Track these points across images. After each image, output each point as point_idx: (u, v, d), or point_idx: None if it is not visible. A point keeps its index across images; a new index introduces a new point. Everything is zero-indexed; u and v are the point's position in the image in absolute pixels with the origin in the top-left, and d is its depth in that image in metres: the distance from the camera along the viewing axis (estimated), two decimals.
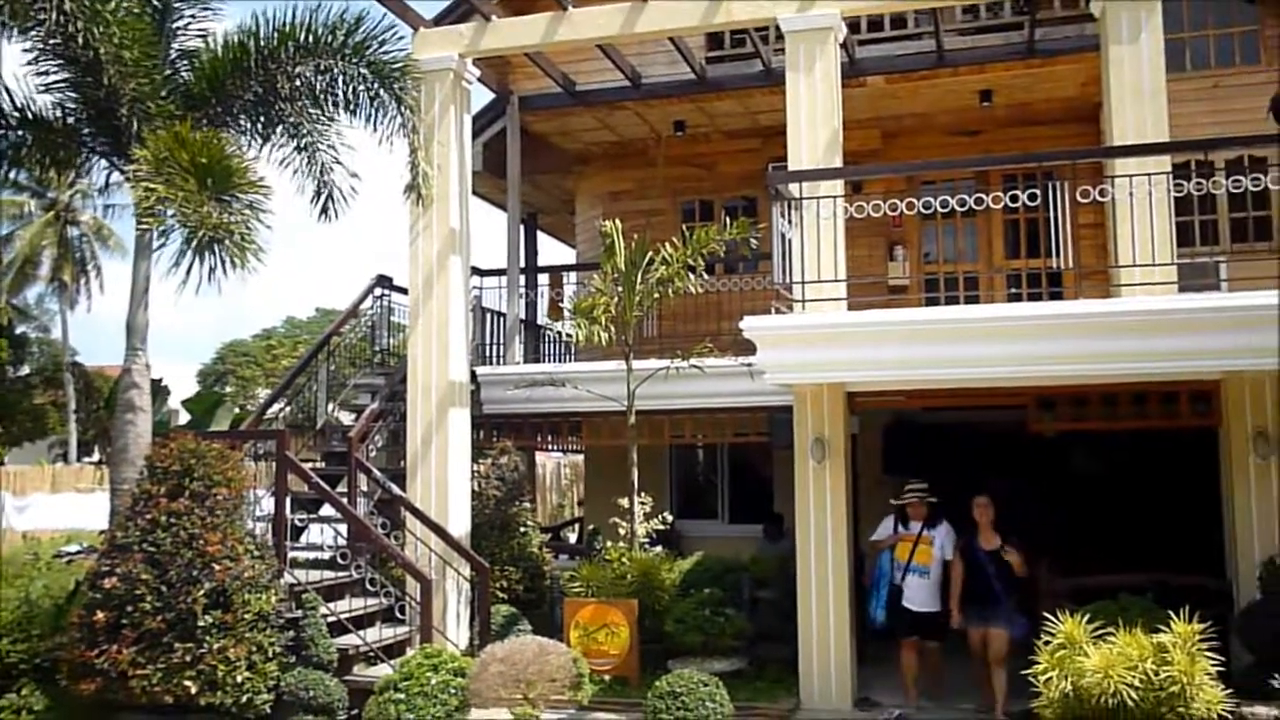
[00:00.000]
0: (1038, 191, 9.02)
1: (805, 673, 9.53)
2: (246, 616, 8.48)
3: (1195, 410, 9.41)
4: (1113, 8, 9.83)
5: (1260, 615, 8.41)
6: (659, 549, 10.95)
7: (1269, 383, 8.87)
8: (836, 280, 9.48)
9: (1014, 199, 9.12)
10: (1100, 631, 7.59)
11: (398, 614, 10.26)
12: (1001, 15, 12.54)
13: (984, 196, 9.25)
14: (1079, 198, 9.01)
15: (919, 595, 9.44)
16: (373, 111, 10.33)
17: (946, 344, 8.75)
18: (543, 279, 15.31)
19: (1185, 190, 8.91)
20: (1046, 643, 7.64)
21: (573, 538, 18.41)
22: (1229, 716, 7.45)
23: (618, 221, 11.01)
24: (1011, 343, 8.65)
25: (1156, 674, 7.07)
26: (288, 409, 13.01)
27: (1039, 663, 7.57)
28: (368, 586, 10.23)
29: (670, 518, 11.27)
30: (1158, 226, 8.78)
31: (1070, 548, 10.86)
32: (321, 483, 10.24)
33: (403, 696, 8.20)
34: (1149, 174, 8.81)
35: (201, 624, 8.24)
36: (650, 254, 10.75)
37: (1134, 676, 7.05)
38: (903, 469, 13.39)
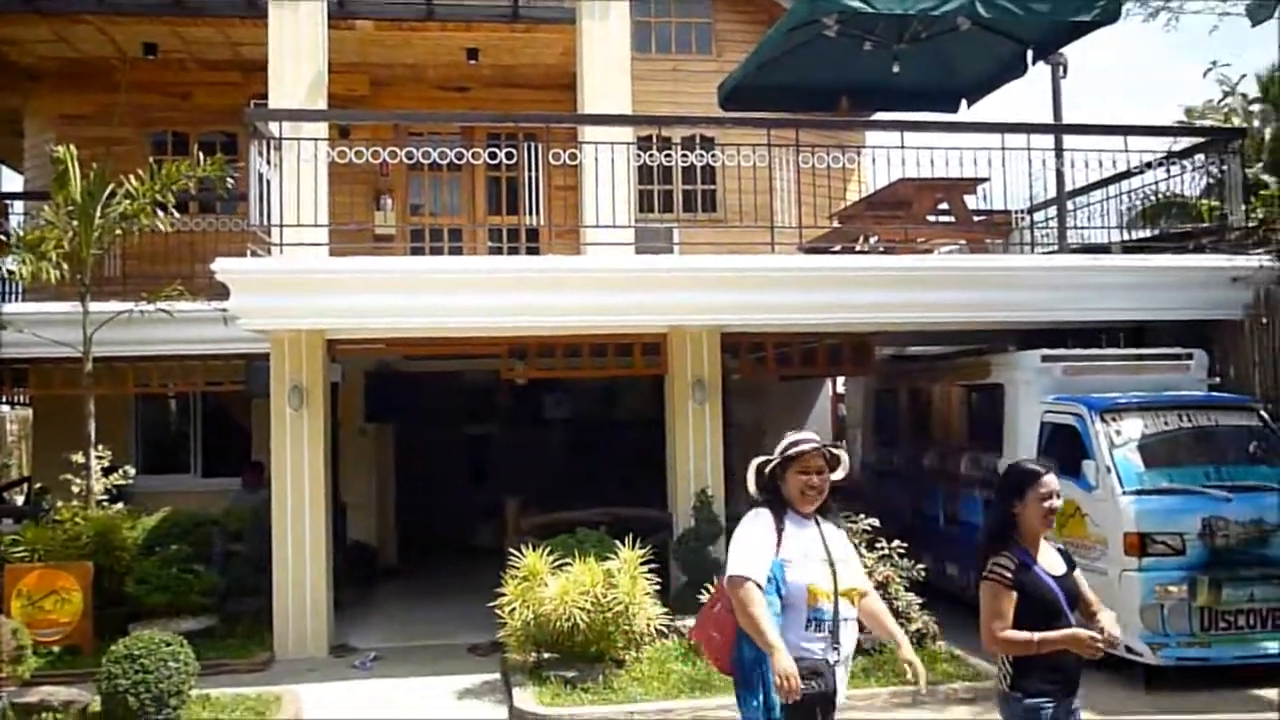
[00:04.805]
0: (515, 151, 9.48)
1: (280, 624, 9.36)
2: None
3: (647, 361, 10.39)
4: None
5: (692, 540, 9.59)
6: (120, 506, 10.15)
7: (706, 336, 10.04)
8: (318, 225, 9.30)
9: (493, 156, 9.53)
10: (560, 562, 8.25)
11: None
12: None
13: (465, 152, 9.57)
14: (552, 160, 9.58)
15: (844, 666, 4.21)
16: None
17: (428, 294, 8.99)
18: None
19: (643, 160, 9.84)
20: (512, 577, 8.16)
21: (22, 499, 16.48)
22: (664, 629, 8.46)
23: (73, 148, 9.92)
24: (490, 294, 9.09)
25: (605, 597, 7.83)
26: None
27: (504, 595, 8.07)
28: None
29: (133, 472, 10.48)
30: (620, 192, 9.59)
31: (539, 487, 11.63)
32: None
33: None
34: (614, 143, 9.59)
35: None
36: (113, 186, 9.84)
37: (586, 600, 7.76)
38: (385, 417, 13.58)
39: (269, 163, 9.00)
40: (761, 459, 4.31)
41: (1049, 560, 4.29)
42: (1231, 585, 7.81)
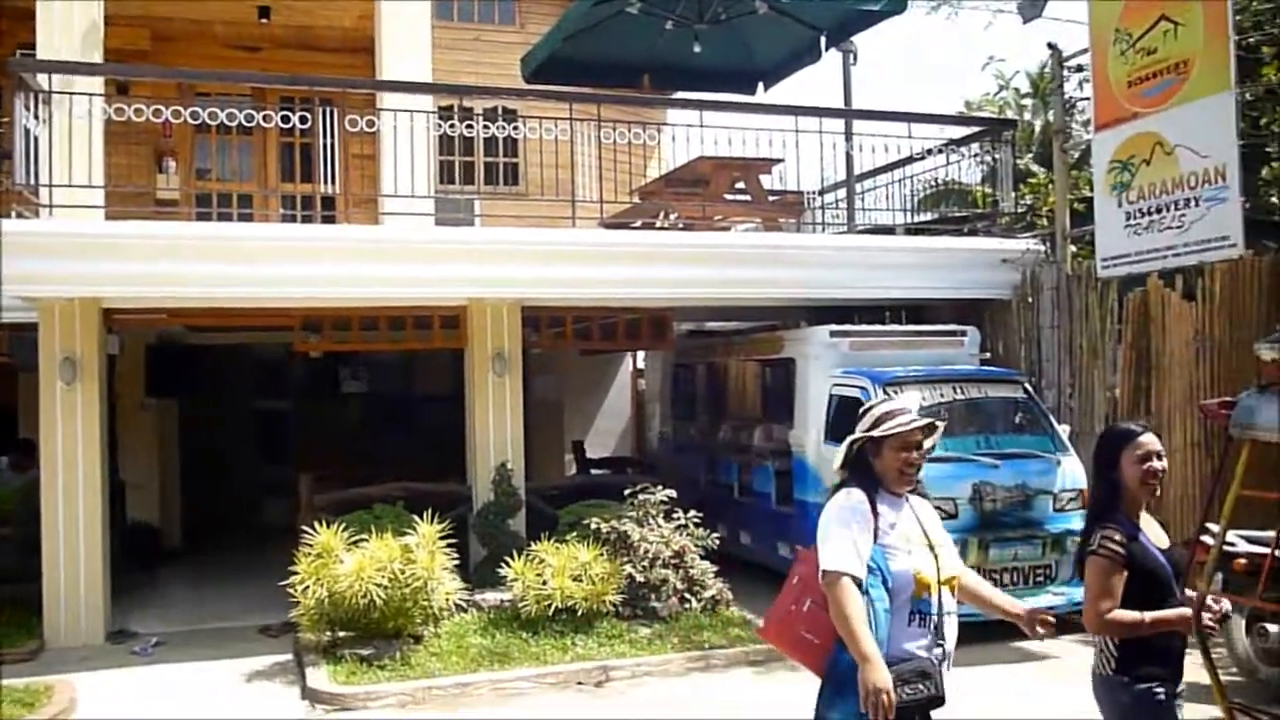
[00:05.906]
0: (309, 115, 9.15)
1: (51, 610, 8.79)
2: None
3: (446, 333, 10.25)
4: None
5: (492, 514, 9.56)
6: None
7: (506, 310, 9.99)
8: (93, 187, 8.73)
9: (287, 120, 9.17)
10: (357, 539, 8.07)
11: None
12: None
13: (256, 114, 9.17)
14: (349, 127, 9.31)
15: (948, 665, 3.74)
16: None
17: (215, 262, 8.59)
18: None
19: (444, 131, 9.68)
20: (305, 555, 7.93)
21: None
22: (464, 604, 8.43)
23: None
24: (282, 263, 8.77)
25: (403, 573, 7.71)
26: None
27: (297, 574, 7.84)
28: None
29: None
30: (419, 162, 9.41)
31: (335, 463, 11.34)
32: None
33: None
34: (414, 111, 9.38)
35: None
36: None
37: (383, 576, 7.62)
38: (169, 391, 12.93)
39: (37, 118, 8.38)
40: (854, 436, 3.72)
41: (1154, 533, 3.81)
42: (998, 545, 8.40)
